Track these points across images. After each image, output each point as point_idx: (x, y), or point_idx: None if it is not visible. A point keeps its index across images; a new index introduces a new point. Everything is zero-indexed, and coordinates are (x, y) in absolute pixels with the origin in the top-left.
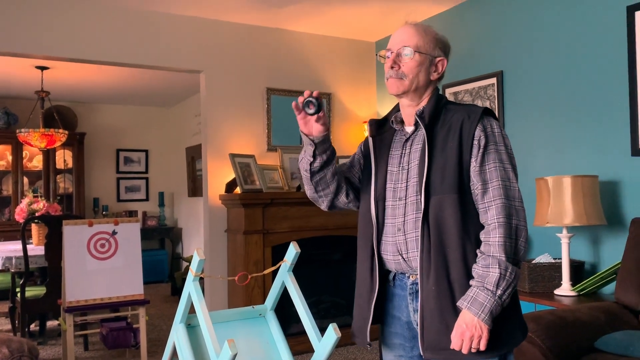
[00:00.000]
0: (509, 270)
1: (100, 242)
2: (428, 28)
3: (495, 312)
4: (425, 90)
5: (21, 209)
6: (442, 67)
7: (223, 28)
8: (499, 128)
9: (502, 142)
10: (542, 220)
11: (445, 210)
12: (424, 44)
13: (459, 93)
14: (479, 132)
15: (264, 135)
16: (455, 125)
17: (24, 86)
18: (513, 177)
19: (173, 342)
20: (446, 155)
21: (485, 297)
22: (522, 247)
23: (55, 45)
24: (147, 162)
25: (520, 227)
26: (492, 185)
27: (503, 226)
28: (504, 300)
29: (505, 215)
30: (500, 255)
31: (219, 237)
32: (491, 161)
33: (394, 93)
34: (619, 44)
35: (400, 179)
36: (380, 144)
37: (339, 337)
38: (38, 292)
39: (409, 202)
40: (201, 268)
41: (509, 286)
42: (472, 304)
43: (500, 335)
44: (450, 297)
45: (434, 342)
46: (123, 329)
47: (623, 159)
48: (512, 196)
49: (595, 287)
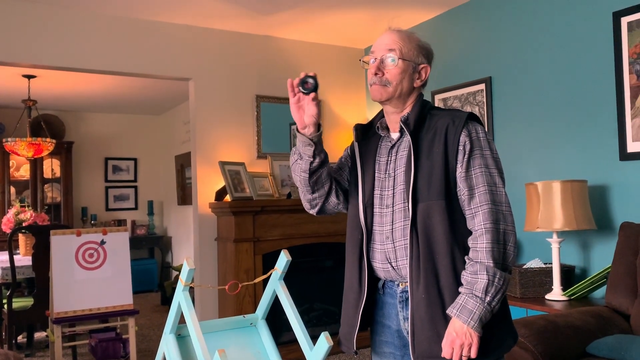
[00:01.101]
0: (497, 276)
1: (89, 251)
2: (412, 35)
3: (484, 319)
4: (409, 96)
5: (8, 219)
6: (426, 74)
7: (212, 35)
8: (484, 133)
9: (488, 147)
10: (532, 225)
11: (433, 218)
12: (408, 51)
13: (448, 99)
14: (463, 137)
15: (253, 142)
16: (440, 131)
17: (11, 95)
18: (499, 182)
19: (163, 353)
20: (432, 162)
21: (474, 304)
22: (511, 252)
23: (42, 54)
24: (136, 171)
25: (508, 232)
26: (478, 190)
27: (490, 232)
28: (493, 306)
29: (492, 221)
30: (488, 262)
31: (209, 245)
32: (477, 166)
33: (377, 99)
34: (605, 49)
35: (387, 186)
36: (366, 149)
37: (330, 345)
38: (25, 303)
39: (397, 210)
40: (191, 277)
41: (497, 292)
42: (461, 312)
43: (490, 341)
44: (441, 304)
45: (426, 351)
46: (112, 340)
47: (611, 164)
48: (498, 201)
49: (586, 291)
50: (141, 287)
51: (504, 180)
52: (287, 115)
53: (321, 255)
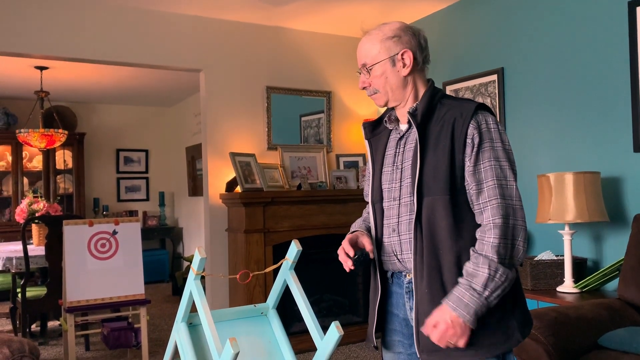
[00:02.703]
0: (499, 272)
1: (101, 242)
2: (378, 31)
3: (480, 313)
4: (405, 88)
5: (21, 210)
6: (409, 57)
7: (223, 26)
8: (495, 124)
9: (499, 139)
10: (544, 217)
11: (437, 213)
12: (377, 52)
13: (460, 90)
14: (471, 130)
15: (264, 134)
16: (448, 124)
17: (23, 86)
18: (510, 175)
19: (174, 341)
20: (438, 155)
21: (471, 298)
22: (521, 247)
23: (54, 45)
24: (147, 162)
25: (517, 227)
26: (487, 185)
27: (499, 227)
28: (490, 301)
29: (501, 216)
30: (492, 256)
31: (219, 236)
32: (486, 160)
33: (381, 106)
34: (620, 39)
35: (395, 179)
36: (377, 145)
37: (341, 335)
38: (39, 292)
39: (403, 203)
40: (202, 266)
41: (497, 288)
42: (458, 305)
43: (496, 335)
44: (444, 296)
45: (430, 345)
46: (124, 329)
47: (625, 155)
48: (508, 195)
49: (598, 283)
50: (153, 277)
51: (516, 172)
52: (297, 107)
53: (331, 247)
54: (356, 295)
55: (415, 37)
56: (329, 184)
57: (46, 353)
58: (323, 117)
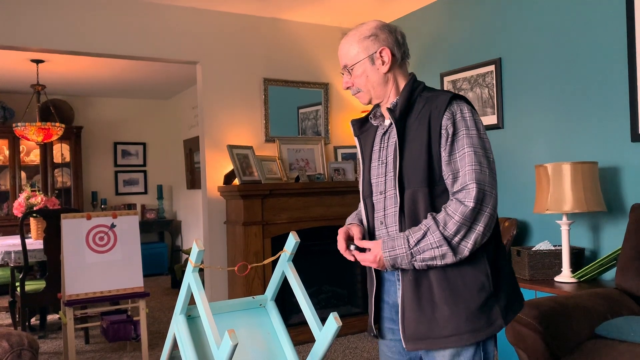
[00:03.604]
0: (441, 247)
1: (99, 235)
2: (355, 32)
3: (399, 263)
4: (386, 85)
5: (19, 204)
6: (387, 54)
7: (219, 18)
8: (470, 112)
9: (474, 127)
10: (542, 207)
11: (418, 204)
12: (356, 53)
13: (458, 81)
14: (445, 121)
15: (261, 126)
16: (425, 117)
17: (20, 80)
18: (484, 161)
19: (173, 334)
20: (417, 149)
21: (400, 247)
22: (480, 232)
23: (50, 38)
24: (145, 155)
25: (483, 213)
26: (462, 171)
27: (468, 209)
28: (415, 258)
29: (473, 199)
30: (442, 229)
31: (218, 229)
32: (460, 148)
33: (364, 104)
34: (618, 29)
35: (380, 173)
36: (365, 142)
37: (339, 326)
38: (38, 286)
39: (388, 196)
40: (200, 259)
41: (426, 251)
42: (388, 247)
43: (479, 321)
44: (428, 288)
45: (414, 333)
46: (123, 322)
47: (623, 145)
48: (482, 180)
49: (595, 273)
50: (151, 270)
51: (490, 160)
52: (294, 99)
53: (329, 238)
54: (354, 286)
55: (392, 34)
56: (327, 176)
57: (46, 346)
58: (320, 108)
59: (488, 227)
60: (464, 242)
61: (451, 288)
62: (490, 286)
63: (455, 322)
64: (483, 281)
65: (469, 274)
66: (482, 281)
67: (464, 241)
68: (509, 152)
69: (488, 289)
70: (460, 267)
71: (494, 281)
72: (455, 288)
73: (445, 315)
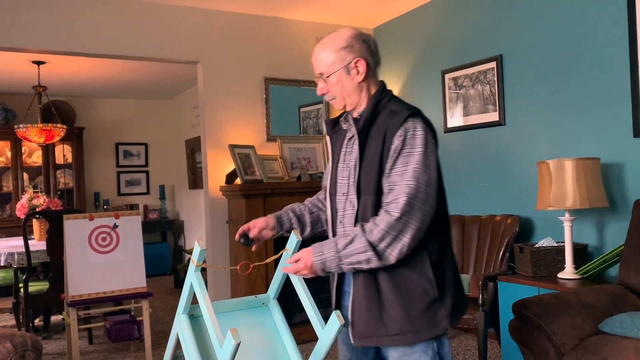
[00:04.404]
0: (366, 252)
1: (102, 235)
2: (331, 40)
3: (328, 268)
4: (360, 92)
5: (22, 205)
6: (362, 65)
7: (219, 18)
8: (424, 130)
9: (421, 145)
10: (544, 203)
11: (367, 211)
12: (332, 62)
13: (459, 78)
14: (397, 138)
15: (263, 125)
16: (381, 131)
17: (21, 82)
18: (423, 179)
19: (176, 333)
20: (371, 160)
21: (329, 252)
22: (406, 243)
23: (51, 39)
24: (147, 156)
25: (410, 225)
26: (398, 185)
27: (393, 219)
28: (343, 262)
29: (400, 211)
30: (369, 237)
31: (220, 228)
32: (403, 164)
33: (339, 109)
34: (619, 24)
35: (344, 176)
36: (336, 142)
37: (342, 324)
38: (41, 287)
39: (348, 199)
40: (202, 258)
41: (352, 255)
42: (318, 252)
43: (422, 322)
44: (375, 287)
45: (362, 331)
46: (127, 322)
47: (625, 141)
48: (413, 195)
49: (598, 269)
50: (154, 270)
51: (431, 177)
52: (296, 98)
53: None
54: None
55: (366, 44)
56: None
57: (50, 347)
58: (322, 107)
59: (414, 239)
60: (390, 250)
61: (397, 291)
62: (435, 290)
63: (399, 323)
64: (425, 286)
65: (413, 279)
66: (425, 286)
67: (389, 249)
68: (510, 149)
69: (432, 293)
70: (405, 272)
71: (438, 285)
72: (401, 291)
73: (391, 316)
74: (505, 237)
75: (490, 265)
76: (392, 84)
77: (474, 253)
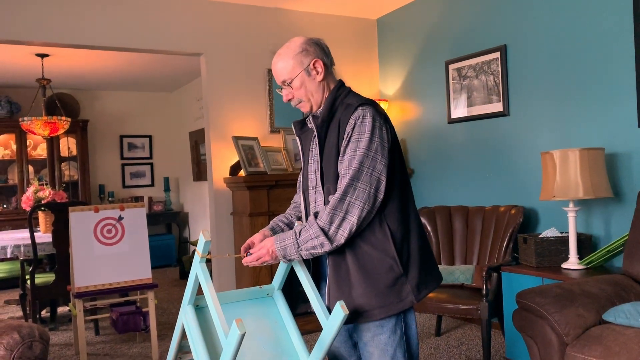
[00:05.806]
0: (319, 237)
1: (107, 227)
2: (287, 49)
3: (289, 255)
4: (322, 91)
5: (27, 197)
6: (320, 65)
7: (222, 9)
8: (372, 117)
9: (369, 131)
10: (549, 194)
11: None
12: (292, 67)
13: (462, 69)
14: (349, 127)
15: (266, 117)
16: (337, 124)
17: (25, 74)
18: (367, 162)
19: (182, 324)
20: (331, 151)
21: (290, 240)
22: (354, 222)
23: (55, 32)
24: (151, 148)
25: (353, 205)
26: (346, 171)
27: (335, 201)
28: (301, 248)
29: (342, 193)
30: (319, 222)
31: (225, 220)
32: (351, 150)
33: (306, 112)
34: (624, 14)
35: (312, 170)
36: (304, 141)
37: (346, 314)
38: (47, 278)
39: (317, 191)
40: (207, 249)
41: (309, 245)
42: (279, 237)
43: (388, 298)
44: (346, 270)
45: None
46: (133, 313)
47: (629, 131)
48: (357, 177)
49: (603, 259)
50: (160, 262)
51: (377, 160)
52: None
53: None
54: None
55: (319, 46)
56: None
57: (56, 338)
58: None
59: (361, 219)
60: (340, 231)
61: (364, 270)
62: (399, 267)
63: (366, 299)
64: (391, 263)
65: (378, 258)
66: (390, 263)
67: (340, 230)
68: (514, 139)
69: (397, 269)
70: (370, 251)
71: (402, 262)
72: (367, 270)
73: (359, 294)
74: (509, 228)
75: (494, 255)
76: (396, 75)
77: (477, 244)
